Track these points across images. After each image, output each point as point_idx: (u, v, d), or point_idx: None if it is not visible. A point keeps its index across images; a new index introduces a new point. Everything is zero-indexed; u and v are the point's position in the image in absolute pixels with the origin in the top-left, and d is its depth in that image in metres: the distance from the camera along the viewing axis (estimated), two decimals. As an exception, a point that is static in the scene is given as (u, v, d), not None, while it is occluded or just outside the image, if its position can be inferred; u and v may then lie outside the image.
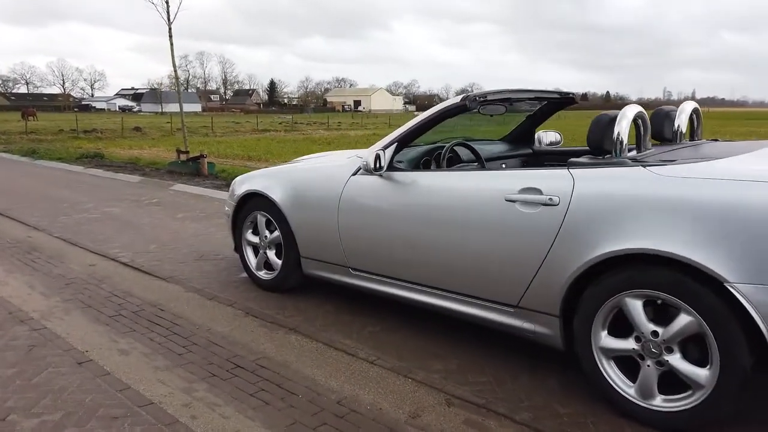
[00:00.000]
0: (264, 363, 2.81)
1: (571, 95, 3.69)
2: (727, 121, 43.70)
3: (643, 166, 2.23)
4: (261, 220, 3.84)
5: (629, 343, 2.19)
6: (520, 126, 4.12)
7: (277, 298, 3.77)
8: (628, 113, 2.47)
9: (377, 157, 2.98)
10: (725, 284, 1.90)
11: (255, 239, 3.95)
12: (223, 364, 2.79)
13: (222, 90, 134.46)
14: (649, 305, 2.14)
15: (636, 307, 2.14)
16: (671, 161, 2.26)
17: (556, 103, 3.79)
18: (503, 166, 3.78)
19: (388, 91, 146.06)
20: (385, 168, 3.01)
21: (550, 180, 2.41)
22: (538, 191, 2.42)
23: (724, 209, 1.92)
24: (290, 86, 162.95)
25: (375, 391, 2.52)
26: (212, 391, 2.52)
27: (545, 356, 2.79)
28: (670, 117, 2.95)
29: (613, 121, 2.44)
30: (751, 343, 1.92)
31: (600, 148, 2.46)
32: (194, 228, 5.83)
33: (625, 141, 2.40)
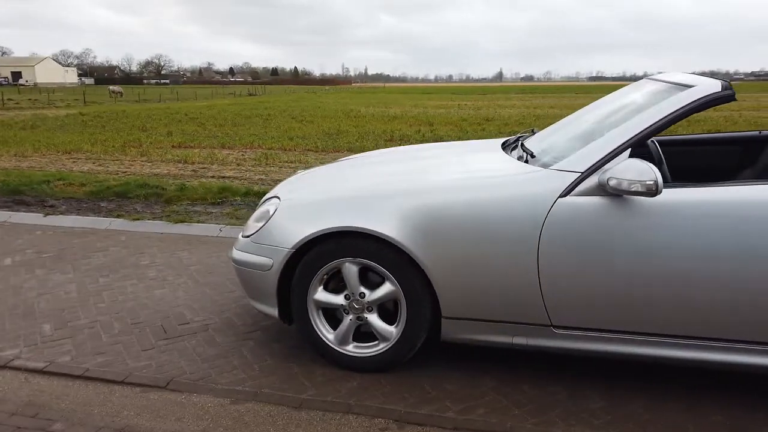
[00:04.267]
0: None
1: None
2: (413, 95, 49.57)
3: None
4: (351, 270, 2.55)
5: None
6: None
7: (395, 382, 2.58)
8: None
9: (646, 171, 2.12)
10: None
11: (336, 299, 2.62)
12: None
13: None
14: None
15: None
16: None
17: None
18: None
19: (56, 60, 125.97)
20: (662, 187, 2.15)
21: None
22: None
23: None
24: None
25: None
26: None
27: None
28: None
29: None
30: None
31: None
32: (59, 280, 3.78)
33: None
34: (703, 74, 2.69)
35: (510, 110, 25.29)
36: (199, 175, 8.17)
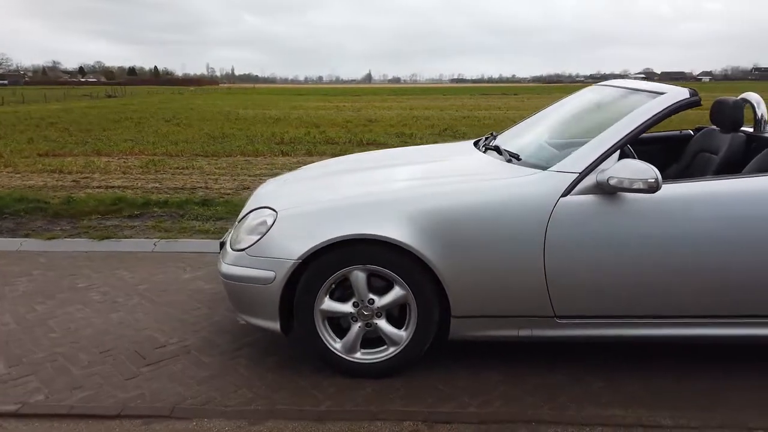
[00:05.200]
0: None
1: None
2: (287, 97, 49.07)
3: None
4: (359, 278, 2.55)
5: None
6: None
7: (407, 385, 2.62)
8: None
9: (646, 170, 2.35)
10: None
11: (343, 308, 2.60)
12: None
13: None
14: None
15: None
16: None
17: None
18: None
19: None
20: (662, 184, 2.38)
21: None
22: None
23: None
24: None
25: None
26: None
27: None
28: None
29: None
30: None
31: None
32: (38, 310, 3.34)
33: None
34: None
35: (389, 111, 25.91)
36: (82, 185, 7.48)
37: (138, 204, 5.99)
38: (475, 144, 3.47)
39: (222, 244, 3.10)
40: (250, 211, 2.86)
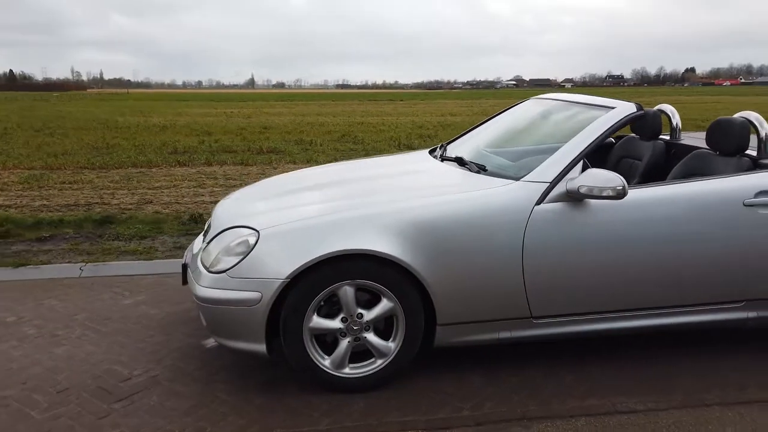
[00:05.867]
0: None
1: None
2: (168, 103, 46.72)
3: None
4: (348, 293, 2.55)
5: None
6: None
7: (398, 396, 2.66)
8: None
9: (613, 179, 2.57)
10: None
11: (332, 324, 2.59)
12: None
13: None
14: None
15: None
16: None
17: None
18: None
19: None
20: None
21: None
22: None
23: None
24: None
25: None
26: None
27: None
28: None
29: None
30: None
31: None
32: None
33: None
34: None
35: (280, 118, 25.47)
36: (-53, 205, 6.68)
37: (27, 224, 5.46)
38: (431, 155, 3.58)
39: (185, 267, 2.96)
40: (222, 231, 2.76)
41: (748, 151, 3.01)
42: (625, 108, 2.86)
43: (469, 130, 3.98)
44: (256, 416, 2.48)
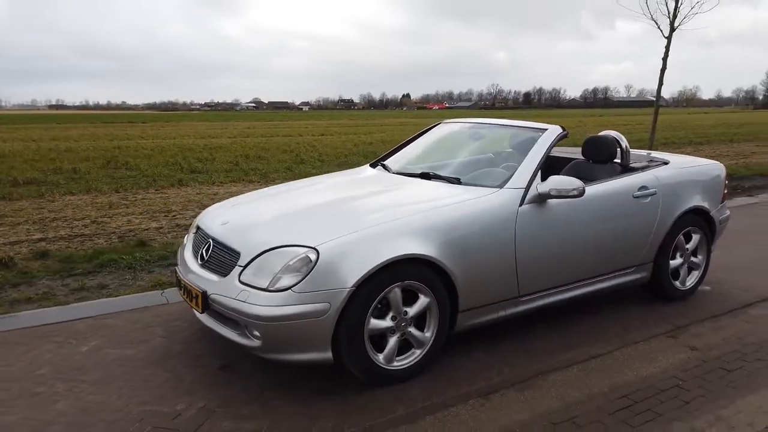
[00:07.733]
0: None
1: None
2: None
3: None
4: (397, 294, 2.92)
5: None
6: None
7: (419, 382, 3.08)
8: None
9: (573, 182, 3.36)
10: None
11: (384, 324, 2.91)
12: None
13: None
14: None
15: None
16: None
17: None
18: None
19: None
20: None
21: (650, 180, 3.95)
22: (645, 187, 3.94)
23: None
24: None
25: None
26: None
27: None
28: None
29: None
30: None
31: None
32: None
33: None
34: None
35: (6, 144, 20.88)
36: None
37: None
38: (391, 172, 4.06)
39: (206, 296, 2.92)
40: (265, 252, 2.85)
41: (615, 159, 4.18)
42: (555, 129, 3.78)
43: (393, 152, 4.53)
44: (340, 417, 2.67)
